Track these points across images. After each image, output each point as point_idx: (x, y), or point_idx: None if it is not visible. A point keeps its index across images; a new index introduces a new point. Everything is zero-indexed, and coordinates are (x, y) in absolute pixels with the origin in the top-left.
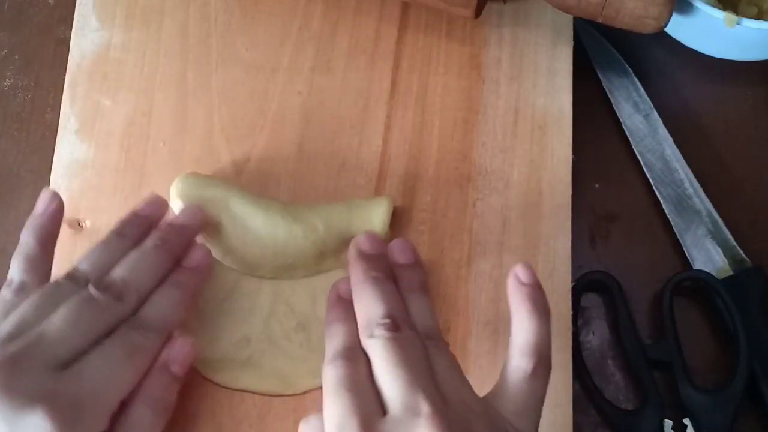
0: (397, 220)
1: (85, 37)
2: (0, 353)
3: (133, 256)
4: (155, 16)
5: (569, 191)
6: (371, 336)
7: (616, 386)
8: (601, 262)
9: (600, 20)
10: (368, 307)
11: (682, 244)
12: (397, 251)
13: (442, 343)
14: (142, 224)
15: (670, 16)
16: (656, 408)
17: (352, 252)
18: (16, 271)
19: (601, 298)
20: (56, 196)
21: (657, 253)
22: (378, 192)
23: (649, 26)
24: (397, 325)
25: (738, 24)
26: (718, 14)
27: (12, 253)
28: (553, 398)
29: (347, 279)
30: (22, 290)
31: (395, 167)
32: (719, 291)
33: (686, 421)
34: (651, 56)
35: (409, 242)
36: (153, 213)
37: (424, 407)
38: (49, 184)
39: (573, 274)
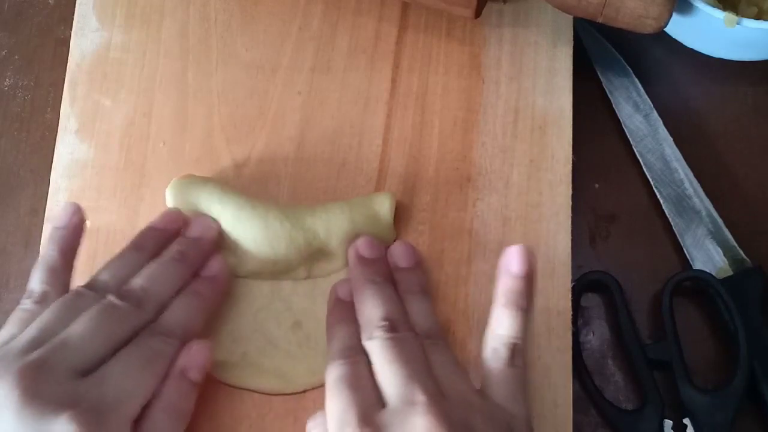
0: (397, 220)
1: (85, 37)
2: (24, 360)
3: (153, 266)
4: (155, 16)
5: (569, 191)
6: (371, 338)
7: (616, 386)
8: (601, 262)
9: (600, 20)
10: (368, 310)
11: (682, 244)
12: (397, 255)
13: (442, 341)
14: (158, 237)
15: (670, 16)
16: (656, 408)
17: (351, 256)
18: (37, 281)
19: (601, 298)
20: (79, 210)
21: (657, 253)
22: (378, 192)
23: (649, 26)
24: (395, 326)
25: (738, 24)
26: (718, 14)
27: (11, 253)
28: (553, 398)
29: (345, 281)
30: (43, 300)
31: (395, 167)
32: (719, 291)
33: (686, 421)
34: (651, 56)
35: (409, 245)
36: (168, 226)
37: (420, 397)
38: (49, 184)
39: (573, 274)
